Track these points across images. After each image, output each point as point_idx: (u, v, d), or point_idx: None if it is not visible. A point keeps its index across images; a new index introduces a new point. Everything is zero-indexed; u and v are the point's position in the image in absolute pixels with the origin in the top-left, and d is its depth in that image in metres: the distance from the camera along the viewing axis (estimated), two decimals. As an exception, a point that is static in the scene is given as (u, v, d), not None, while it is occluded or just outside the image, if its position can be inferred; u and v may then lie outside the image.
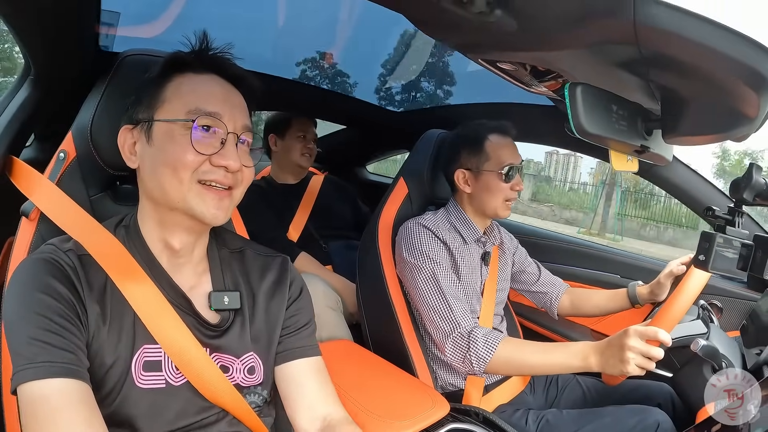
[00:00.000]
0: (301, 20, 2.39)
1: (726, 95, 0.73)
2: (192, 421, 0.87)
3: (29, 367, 0.72)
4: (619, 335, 1.21)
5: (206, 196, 0.83)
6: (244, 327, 0.94)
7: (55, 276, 0.79)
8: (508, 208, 1.60)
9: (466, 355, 1.38)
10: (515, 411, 1.50)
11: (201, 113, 0.82)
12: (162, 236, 0.89)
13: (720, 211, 1.03)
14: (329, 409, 0.96)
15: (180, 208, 0.84)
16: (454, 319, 1.43)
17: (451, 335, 1.42)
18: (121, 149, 0.88)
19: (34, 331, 0.73)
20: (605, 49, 0.77)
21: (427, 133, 1.82)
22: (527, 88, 1.17)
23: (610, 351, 1.22)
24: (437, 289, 1.47)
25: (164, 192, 0.83)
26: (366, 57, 2.71)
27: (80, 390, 0.73)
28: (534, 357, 1.33)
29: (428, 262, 1.50)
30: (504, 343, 1.36)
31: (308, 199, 2.31)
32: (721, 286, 1.82)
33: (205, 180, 0.83)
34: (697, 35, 0.62)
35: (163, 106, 0.84)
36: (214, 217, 0.85)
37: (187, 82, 0.86)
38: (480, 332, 1.39)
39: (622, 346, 1.19)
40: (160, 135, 0.83)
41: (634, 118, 0.90)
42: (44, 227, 0.98)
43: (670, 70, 0.75)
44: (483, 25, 0.78)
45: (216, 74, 0.88)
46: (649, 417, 1.33)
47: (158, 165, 0.83)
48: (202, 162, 0.82)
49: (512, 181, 1.57)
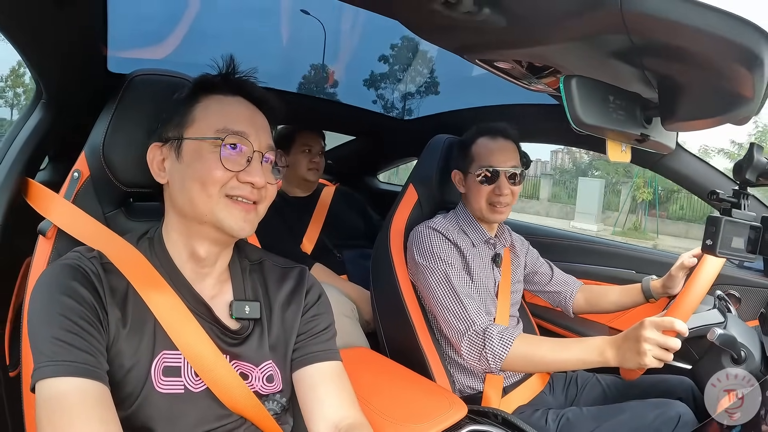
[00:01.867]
0: (304, 33, 2.44)
1: (719, 77, 0.73)
2: (210, 427, 0.88)
3: (50, 364, 0.74)
4: (635, 327, 1.21)
5: (233, 209, 0.88)
6: (263, 336, 0.96)
7: (79, 280, 0.82)
8: (497, 212, 1.58)
9: (482, 352, 1.38)
10: (535, 411, 1.49)
11: (229, 132, 0.87)
12: (188, 246, 0.92)
13: (724, 194, 1.02)
14: (346, 413, 0.96)
15: (208, 221, 0.88)
16: (469, 318, 1.43)
17: (466, 334, 1.42)
18: (150, 165, 0.93)
19: (56, 331, 0.76)
20: (596, 40, 0.77)
21: (435, 139, 1.84)
22: (527, 86, 1.18)
23: (627, 344, 1.22)
24: (450, 290, 1.47)
25: (193, 205, 0.87)
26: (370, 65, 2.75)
27: (98, 390, 0.75)
28: (550, 353, 1.33)
29: (440, 264, 1.51)
30: (519, 340, 1.36)
31: (320, 211, 2.33)
32: (738, 275, 1.79)
33: (233, 195, 0.87)
34: (684, 17, 0.62)
35: (193, 125, 0.89)
36: (241, 229, 0.89)
37: (215, 103, 0.91)
38: (495, 329, 1.39)
39: (638, 338, 1.18)
40: (189, 152, 0.88)
41: (632, 107, 0.91)
42: (61, 244, 1.01)
43: (662, 56, 0.76)
44: (473, 24, 0.80)
45: (241, 96, 0.93)
46: (670, 410, 1.31)
47: (187, 180, 0.87)
48: (230, 178, 0.87)
49: (493, 184, 1.56)
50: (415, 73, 2.90)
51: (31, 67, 1.23)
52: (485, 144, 1.59)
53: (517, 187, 1.58)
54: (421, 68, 2.84)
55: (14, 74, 20.30)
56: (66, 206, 1.02)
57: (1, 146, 1.31)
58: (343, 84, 2.82)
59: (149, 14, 1.99)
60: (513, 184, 1.57)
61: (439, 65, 2.81)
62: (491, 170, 1.55)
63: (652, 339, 1.16)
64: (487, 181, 1.56)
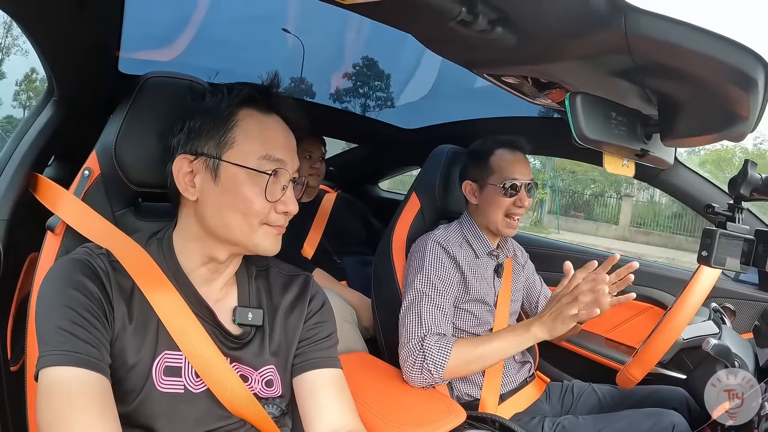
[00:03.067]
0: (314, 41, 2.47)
1: (717, 97, 0.77)
2: (210, 428, 0.89)
3: (53, 353, 0.76)
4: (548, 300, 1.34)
5: (269, 233, 0.91)
6: (264, 343, 0.97)
7: (86, 274, 0.83)
8: (511, 226, 1.60)
9: (423, 364, 1.37)
10: (531, 419, 1.51)
11: (271, 159, 0.88)
12: (207, 253, 0.93)
13: (720, 208, 1.06)
14: (345, 420, 0.96)
15: (242, 245, 0.90)
16: (419, 332, 1.42)
17: (406, 345, 1.42)
18: (176, 176, 0.90)
19: (61, 322, 0.78)
20: (601, 60, 0.81)
21: (438, 148, 1.85)
22: (532, 101, 1.21)
23: (549, 314, 1.30)
24: (416, 308, 1.46)
25: (230, 231, 0.89)
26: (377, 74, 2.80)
27: (98, 382, 0.77)
28: (487, 347, 1.37)
29: (422, 282, 1.50)
30: (457, 344, 1.38)
31: (321, 217, 2.35)
32: (733, 288, 1.82)
33: (271, 224, 0.90)
34: (684, 40, 0.66)
35: (234, 148, 0.88)
36: (274, 251, 0.93)
37: (255, 124, 0.90)
38: (432, 339, 1.39)
39: (553, 300, 1.31)
40: (229, 177, 0.88)
41: (633, 123, 0.94)
42: (69, 241, 1.01)
43: (662, 76, 0.80)
44: (485, 42, 0.83)
45: (276, 114, 0.93)
46: (664, 419, 1.33)
47: (226, 207, 0.88)
48: (270, 210, 0.89)
49: (515, 197, 1.58)
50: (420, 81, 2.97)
51: (45, 63, 1.24)
52: (505, 156, 1.60)
53: (530, 200, 1.60)
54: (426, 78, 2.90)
55: (27, 79, 20.68)
56: (75, 203, 1.03)
57: (11, 141, 1.32)
58: (349, 90, 2.89)
59: (157, 17, 2.01)
60: (530, 196, 1.59)
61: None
62: (514, 182, 1.57)
63: (564, 295, 1.27)
64: (510, 193, 1.57)
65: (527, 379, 1.68)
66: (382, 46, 2.63)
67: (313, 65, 2.72)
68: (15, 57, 19.84)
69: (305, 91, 2.83)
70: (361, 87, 3.11)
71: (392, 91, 3.12)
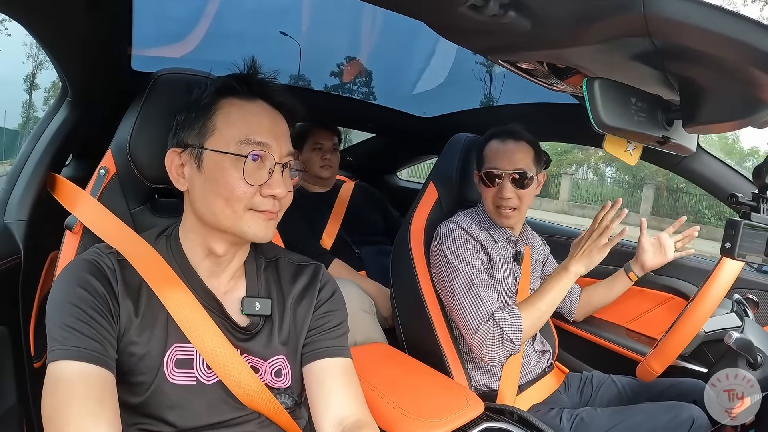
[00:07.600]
0: (326, 32, 2.46)
1: (740, 81, 0.74)
2: (223, 419, 0.91)
3: (59, 348, 0.79)
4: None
5: (257, 220, 0.89)
6: (273, 333, 0.98)
7: (93, 274, 0.85)
8: (504, 216, 1.59)
9: (503, 337, 1.41)
10: (549, 410, 1.50)
11: (251, 143, 0.87)
12: (206, 246, 0.94)
13: (744, 198, 1.02)
14: (353, 410, 0.96)
15: (231, 231, 0.90)
16: (486, 313, 1.45)
17: (480, 326, 1.44)
18: (169, 170, 0.92)
19: (68, 319, 0.80)
20: (619, 43, 0.78)
21: (455, 137, 1.84)
22: (549, 87, 1.18)
23: (580, 252, 1.46)
24: (473, 292, 1.48)
25: (216, 218, 0.89)
26: (392, 63, 2.78)
27: (100, 375, 0.79)
28: (542, 302, 1.46)
29: (465, 266, 1.52)
30: (521, 309, 1.45)
31: (339, 207, 2.35)
32: (757, 279, 1.77)
33: (256, 209, 0.89)
34: (705, 22, 0.63)
35: (214, 135, 0.88)
36: (264, 237, 0.91)
37: (236, 110, 0.90)
38: (501, 313, 1.43)
39: (578, 244, 1.48)
40: (210, 164, 0.88)
41: (653, 109, 0.91)
42: (87, 239, 1.03)
43: (683, 59, 0.77)
44: (498, 27, 0.81)
45: (262, 100, 0.93)
46: (683, 412, 1.31)
47: (210, 194, 0.88)
48: (254, 194, 0.88)
49: (495, 187, 1.57)
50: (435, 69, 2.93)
51: (57, 66, 1.25)
52: (493, 146, 1.60)
53: (525, 191, 1.56)
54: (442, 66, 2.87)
55: (54, 87, 21.37)
56: (91, 203, 1.04)
57: (28, 143, 1.34)
58: (364, 81, 2.87)
59: (169, 13, 2.02)
60: (520, 187, 1.56)
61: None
62: (493, 172, 1.56)
63: (589, 231, 1.47)
64: (489, 183, 1.57)
65: (546, 369, 1.67)
66: (397, 34, 2.60)
67: (328, 57, 2.72)
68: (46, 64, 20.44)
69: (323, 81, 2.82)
70: (376, 77, 3.08)
71: (406, 80, 3.10)
